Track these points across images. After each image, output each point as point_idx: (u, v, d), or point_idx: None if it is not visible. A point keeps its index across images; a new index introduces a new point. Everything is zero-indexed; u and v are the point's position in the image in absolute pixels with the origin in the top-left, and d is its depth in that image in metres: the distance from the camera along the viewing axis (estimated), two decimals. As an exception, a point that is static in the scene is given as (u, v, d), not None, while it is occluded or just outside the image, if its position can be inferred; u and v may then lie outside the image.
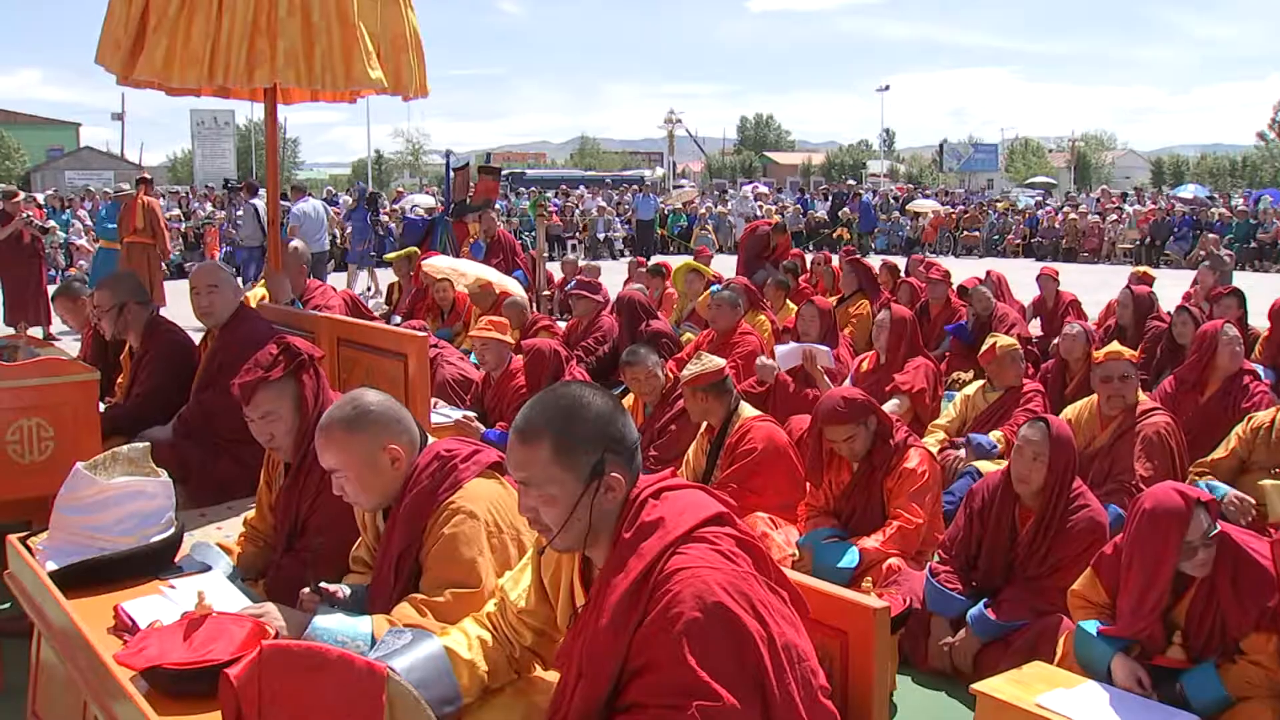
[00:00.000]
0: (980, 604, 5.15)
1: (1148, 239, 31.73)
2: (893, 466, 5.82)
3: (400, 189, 42.12)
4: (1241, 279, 17.49)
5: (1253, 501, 5.96)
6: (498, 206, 23.23)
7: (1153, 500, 4.22)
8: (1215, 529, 4.15)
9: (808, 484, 6.12)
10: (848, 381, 8.46)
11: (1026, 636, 4.96)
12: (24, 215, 15.75)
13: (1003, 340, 7.78)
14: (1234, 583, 4.17)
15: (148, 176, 18.23)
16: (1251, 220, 31.23)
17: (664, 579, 2.51)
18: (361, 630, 3.24)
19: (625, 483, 2.70)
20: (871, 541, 5.62)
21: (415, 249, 15.79)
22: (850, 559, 5.55)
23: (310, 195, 20.92)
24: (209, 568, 4.02)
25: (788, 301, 12.46)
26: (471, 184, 18.33)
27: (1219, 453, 6.39)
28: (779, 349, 8.60)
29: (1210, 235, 29.54)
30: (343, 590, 3.50)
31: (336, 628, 3.22)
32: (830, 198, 39.79)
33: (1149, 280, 12.86)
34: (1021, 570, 5.18)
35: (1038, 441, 5.14)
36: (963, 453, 7.27)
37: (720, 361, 6.47)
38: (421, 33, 6.64)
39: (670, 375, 7.50)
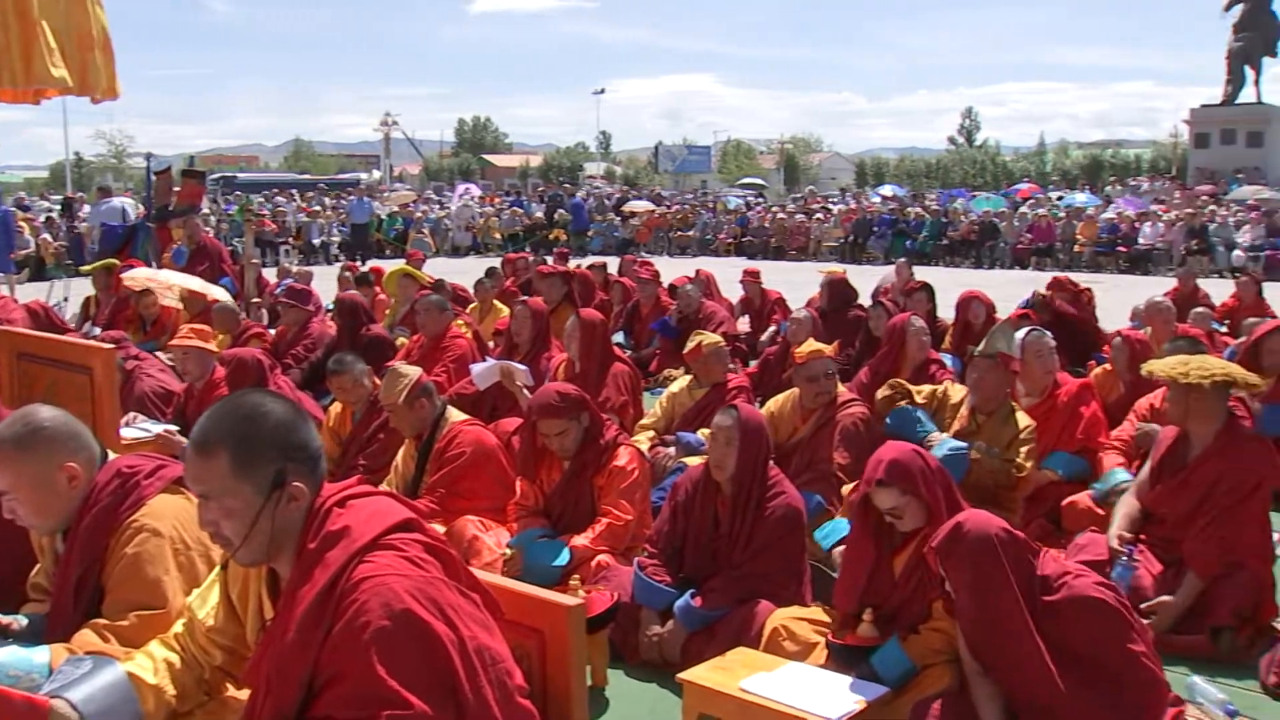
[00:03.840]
0: (686, 595, 5.26)
1: (851, 237, 33.18)
2: (603, 465, 5.88)
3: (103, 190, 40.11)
4: (933, 274, 18.47)
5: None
6: (204, 211, 22.39)
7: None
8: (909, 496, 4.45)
9: (518, 484, 6.12)
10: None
11: (730, 624, 5.07)
12: None
13: (708, 338, 7.95)
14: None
15: None
16: (943, 219, 33.10)
17: (350, 588, 2.47)
18: (37, 662, 3.07)
19: (308, 492, 2.64)
20: (582, 539, 5.67)
21: (114, 259, 15.05)
22: (561, 557, 5.58)
23: (-4, 201, 19.69)
24: None
25: (496, 303, 12.44)
26: (175, 188, 17.59)
27: None
28: (475, 368, 8.39)
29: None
30: (18, 621, 3.32)
31: (8, 661, 3.05)
32: (546, 199, 40.03)
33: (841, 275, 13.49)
34: (725, 559, 5.30)
35: (729, 427, 5.30)
36: (672, 450, 7.40)
37: (413, 372, 6.35)
38: (111, 31, 6.33)
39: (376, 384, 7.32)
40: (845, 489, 6.26)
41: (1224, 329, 12.94)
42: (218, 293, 12.26)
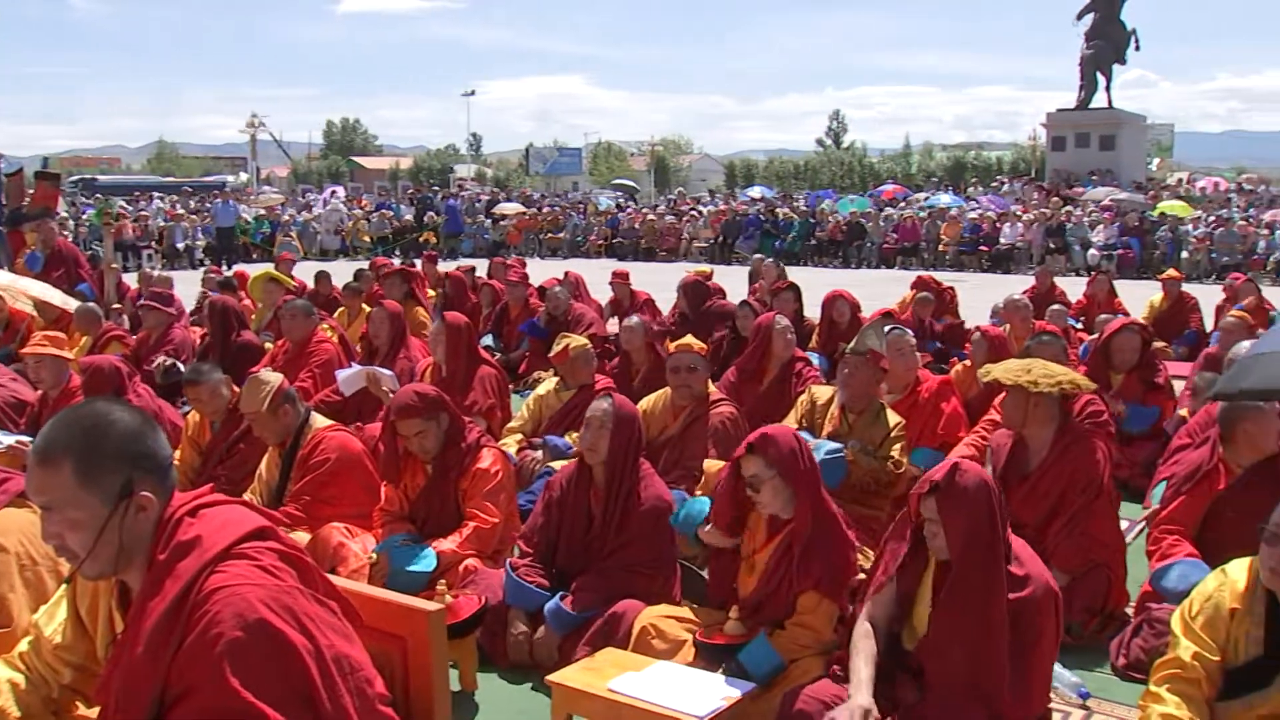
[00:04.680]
0: (556, 598, 5.26)
1: (720, 238, 33.47)
2: (466, 467, 5.85)
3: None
4: (802, 274, 18.74)
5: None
6: (61, 215, 21.75)
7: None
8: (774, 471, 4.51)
9: (383, 489, 6.07)
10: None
11: (601, 624, 5.08)
12: None
13: (574, 340, 7.95)
14: (810, 544, 4.52)
15: None
16: (811, 220, 33.57)
17: (202, 599, 2.43)
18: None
19: (158, 501, 2.58)
20: (448, 544, 5.63)
21: (-42, 266, 14.54)
22: (427, 562, 5.54)
23: None
24: None
25: (364, 307, 12.30)
26: (28, 191, 17.08)
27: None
28: (340, 374, 8.25)
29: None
30: None
31: None
32: (416, 202, 39.70)
33: (706, 275, 13.66)
34: (597, 553, 5.34)
35: (604, 411, 5.40)
36: (540, 454, 7.39)
37: (276, 379, 6.24)
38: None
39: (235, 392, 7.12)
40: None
41: (1079, 325, 13.38)
42: (74, 305, 11.94)
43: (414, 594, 5.45)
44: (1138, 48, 48.80)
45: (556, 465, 7.09)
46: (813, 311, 11.76)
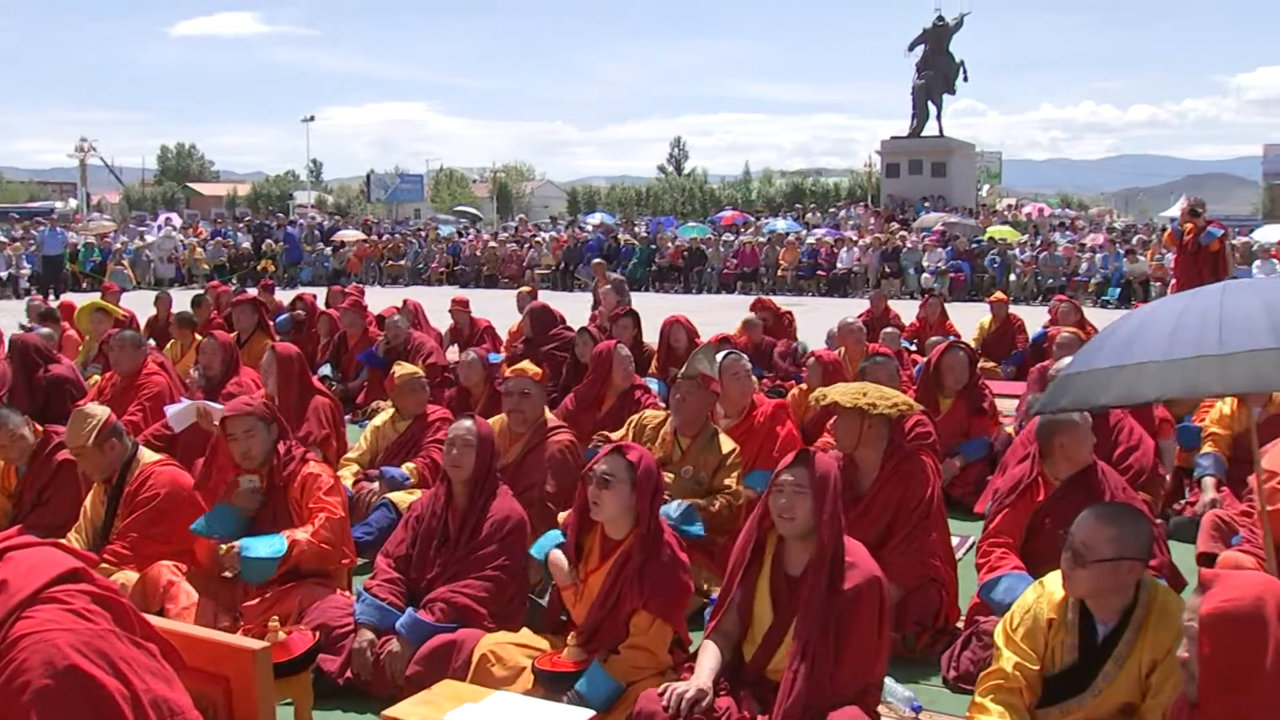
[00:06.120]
0: (409, 611, 5.19)
1: (562, 264, 33.54)
2: (295, 474, 5.74)
3: None
4: (643, 300, 18.89)
5: None
6: None
7: None
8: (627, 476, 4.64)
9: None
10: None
11: (438, 647, 5.01)
12: None
13: (402, 369, 7.87)
14: (641, 565, 4.58)
15: None
16: (652, 246, 33.83)
17: (8, 647, 2.35)
18: None
19: None
20: (302, 533, 5.48)
21: None
22: (277, 547, 5.39)
23: None
24: None
25: (196, 337, 12.01)
26: None
27: None
28: (169, 409, 7.91)
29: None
30: None
31: None
32: (253, 229, 38.94)
33: (535, 293, 13.70)
34: (451, 566, 5.32)
35: (469, 428, 5.46)
36: (376, 485, 7.29)
37: (102, 412, 6.04)
38: None
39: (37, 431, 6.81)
40: (560, 516, 6.27)
41: (913, 348, 13.72)
42: None
43: (264, 582, 5.43)
44: (966, 78, 50.57)
45: (393, 496, 7.02)
46: (652, 337, 11.84)
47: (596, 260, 19.69)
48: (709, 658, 4.35)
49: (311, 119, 73.43)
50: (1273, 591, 2.95)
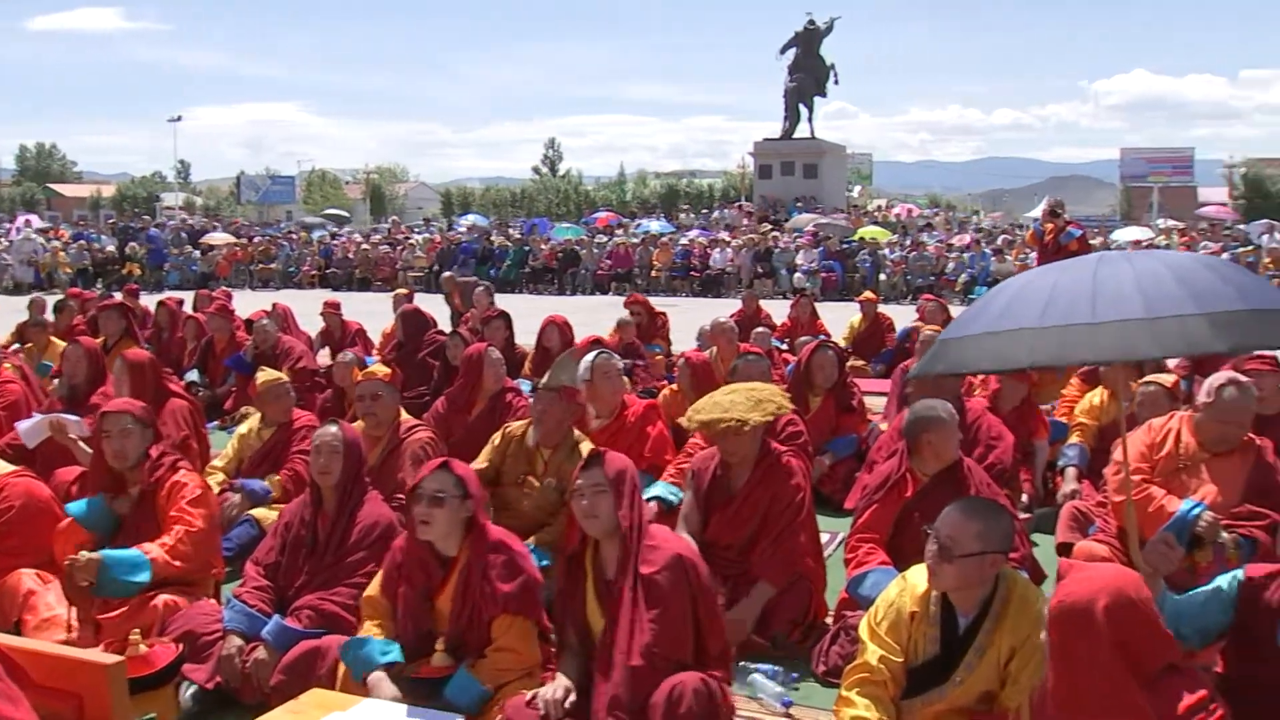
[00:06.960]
0: (275, 617, 5.10)
1: (435, 266, 33.27)
2: (163, 481, 5.63)
3: None
4: (517, 301, 18.85)
5: None
6: None
7: None
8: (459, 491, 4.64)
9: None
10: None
11: (302, 655, 4.93)
12: None
13: (265, 376, 7.71)
14: (484, 568, 4.58)
15: None
16: (526, 247, 33.76)
17: None
18: None
19: None
20: (155, 548, 5.36)
21: None
22: (143, 575, 5.28)
23: None
24: None
25: (54, 341, 11.66)
26: None
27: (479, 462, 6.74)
28: (21, 425, 7.52)
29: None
30: None
31: None
32: (118, 231, 37.97)
33: (411, 296, 13.60)
34: (321, 576, 5.24)
35: (335, 434, 5.43)
36: (238, 498, 7.12)
37: None
38: None
39: None
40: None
41: (785, 347, 13.88)
42: None
43: (128, 597, 5.30)
44: (837, 81, 51.47)
45: (255, 513, 6.91)
46: (525, 339, 11.81)
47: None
48: (569, 659, 4.52)
49: (179, 119, 72.05)
50: (1112, 588, 3.07)
